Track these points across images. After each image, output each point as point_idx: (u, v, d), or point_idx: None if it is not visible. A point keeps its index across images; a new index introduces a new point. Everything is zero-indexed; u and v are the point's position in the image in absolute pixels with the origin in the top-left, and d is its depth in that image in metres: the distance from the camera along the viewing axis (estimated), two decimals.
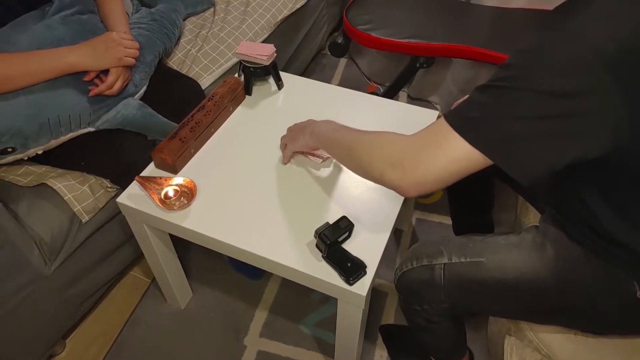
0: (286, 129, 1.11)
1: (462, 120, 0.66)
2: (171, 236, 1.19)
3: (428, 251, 0.90)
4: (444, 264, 0.87)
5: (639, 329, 0.85)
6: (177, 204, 1.01)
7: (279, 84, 1.31)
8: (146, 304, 1.43)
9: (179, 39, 1.52)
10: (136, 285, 1.47)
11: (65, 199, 1.14)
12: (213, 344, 1.34)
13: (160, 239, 1.16)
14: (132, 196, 1.05)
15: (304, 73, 2.12)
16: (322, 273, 0.90)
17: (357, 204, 1.02)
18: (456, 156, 0.66)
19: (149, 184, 1.04)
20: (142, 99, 1.25)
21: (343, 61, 2.32)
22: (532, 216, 1.17)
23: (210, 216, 1.01)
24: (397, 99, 1.74)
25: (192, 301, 1.43)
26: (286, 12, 1.74)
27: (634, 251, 0.73)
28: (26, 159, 1.13)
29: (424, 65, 1.68)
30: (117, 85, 1.13)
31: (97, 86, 1.12)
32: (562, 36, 0.60)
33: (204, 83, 1.46)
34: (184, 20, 1.59)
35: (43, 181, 1.14)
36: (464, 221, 1.37)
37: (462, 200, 1.39)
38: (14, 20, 1.11)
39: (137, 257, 1.45)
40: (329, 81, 2.15)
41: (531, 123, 0.62)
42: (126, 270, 1.50)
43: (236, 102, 1.25)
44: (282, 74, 1.33)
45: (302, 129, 1.02)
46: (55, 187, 1.14)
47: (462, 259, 0.88)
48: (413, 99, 2.11)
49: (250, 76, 1.28)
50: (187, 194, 1.03)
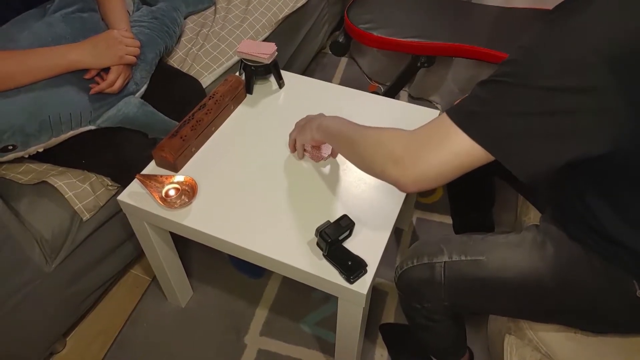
0: (287, 127, 1.11)
1: (464, 115, 0.66)
2: (172, 234, 1.19)
3: (428, 249, 0.91)
4: (444, 262, 0.87)
5: (639, 328, 0.85)
6: (178, 202, 1.01)
7: (280, 82, 1.31)
8: (147, 303, 1.43)
9: (180, 37, 1.52)
10: (137, 284, 1.48)
11: (66, 197, 1.14)
12: (213, 342, 1.34)
13: (160, 237, 1.16)
14: (133, 194, 1.05)
15: (305, 72, 2.12)
16: (322, 271, 0.90)
17: (358, 202, 1.02)
18: (457, 151, 0.66)
19: (150, 182, 1.04)
20: (143, 97, 1.25)
21: (344, 60, 2.32)
22: (533, 215, 1.17)
23: (211, 214, 1.01)
24: (398, 99, 1.73)
25: (193, 300, 1.43)
26: (287, 11, 1.74)
27: (634, 251, 0.73)
28: (27, 156, 1.13)
29: (425, 65, 1.68)
30: (118, 84, 1.13)
31: (98, 84, 1.12)
32: (563, 33, 0.60)
33: (205, 82, 1.46)
34: (185, 18, 1.59)
35: (44, 179, 1.14)
36: (464, 220, 1.38)
37: (462, 199, 1.39)
38: (14, 18, 1.11)
39: (138, 256, 1.45)
40: (329, 80, 2.15)
41: (531, 119, 0.62)
42: (127, 269, 1.50)
43: (237, 100, 1.25)
44: (283, 73, 1.33)
45: (309, 122, 1.02)
46: (56, 185, 1.14)
47: (463, 258, 0.88)
48: (414, 99, 2.11)
49: (251, 75, 1.28)
50: (188, 192, 1.03)
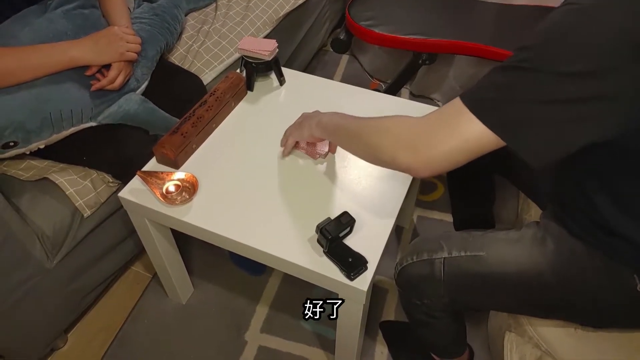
0: (288, 124, 1.10)
1: (478, 101, 0.66)
2: (173, 231, 1.19)
3: (428, 246, 0.91)
4: (443, 258, 0.87)
5: (639, 323, 0.85)
6: (178, 198, 1.01)
7: (281, 79, 1.31)
8: (148, 299, 1.43)
9: (180, 34, 1.52)
10: (138, 280, 1.48)
11: (67, 193, 1.14)
12: (214, 339, 1.34)
13: (161, 233, 1.17)
14: (133, 191, 1.05)
15: (306, 69, 2.12)
16: (323, 268, 0.90)
17: (358, 199, 1.02)
18: (469, 136, 0.66)
19: (151, 178, 1.04)
20: (144, 94, 1.25)
21: (345, 58, 2.31)
22: (534, 213, 1.18)
23: (211, 211, 1.01)
24: (399, 96, 1.73)
25: (194, 296, 1.43)
26: (288, 8, 1.74)
27: (634, 243, 0.73)
28: (28, 153, 1.13)
29: (427, 62, 1.67)
30: (119, 80, 1.13)
31: (99, 81, 1.12)
32: (584, 17, 0.59)
33: (206, 78, 1.46)
34: (185, 15, 1.59)
35: (45, 175, 1.14)
36: (465, 218, 1.37)
37: (463, 196, 1.39)
38: (15, 14, 1.11)
39: (139, 252, 1.46)
40: (330, 77, 2.15)
41: (550, 106, 0.61)
42: (128, 265, 1.50)
43: (238, 97, 1.25)
44: (284, 70, 1.33)
45: (306, 119, 1.01)
46: (57, 182, 1.14)
47: (462, 253, 0.88)
48: (415, 96, 2.10)
49: (252, 72, 1.27)
50: (189, 189, 1.03)
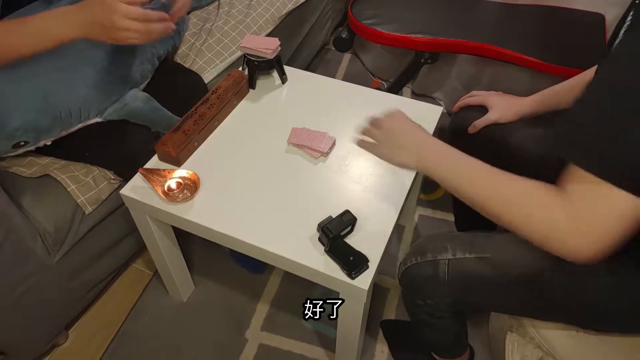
0: (290, 122, 1.08)
1: (608, 164, 0.57)
2: (174, 229, 1.19)
3: (432, 246, 0.90)
4: (448, 259, 0.87)
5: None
6: (180, 196, 1.01)
7: (283, 78, 1.31)
8: (148, 296, 1.43)
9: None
10: (139, 278, 1.48)
11: (68, 190, 1.14)
12: (215, 337, 1.34)
13: (163, 231, 1.17)
14: (135, 188, 1.06)
15: (308, 68, 2.12)
16: (324, 266, 0.90)
17: (360, 198, 1.02)
18: (622, 212, 0.57)
19: (153, 176, 1.04)
20: (145, 91, 1.25)
21: (347, 56, 2.31)
22: None
23: (213, 209, 1.01)
24: (401, 95, 1.73)
25: (194, 294, 1.43)
26: (290, 6, 1.73)
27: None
28: (33, 149, 1.14)
29: (429, 61, 1.67)
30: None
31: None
32: None
33: (208, 76, 1.46)
34: (188, 13, 1.59)
35: (47, 172, 1.15)
36: (466, 216, 1.37)
37: None
38: (17, 9, 1.11)
39: (140, 250, 1.46)
40: (332, 76, 2.15)
41: None
42: (129, 263, 1.50)
43: (240, 95, 1.25)
44: (286, 68, 1.33)
45: (400, 138, 0.85)
46: (58, 179, 1.14)
47: (467, 255, 0.87)
48: (417, 95, 2.10)
49: (254, 70, 1.27)
50: (191, 187, 1.03)
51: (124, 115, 1.17)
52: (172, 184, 1.03)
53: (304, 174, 1.08)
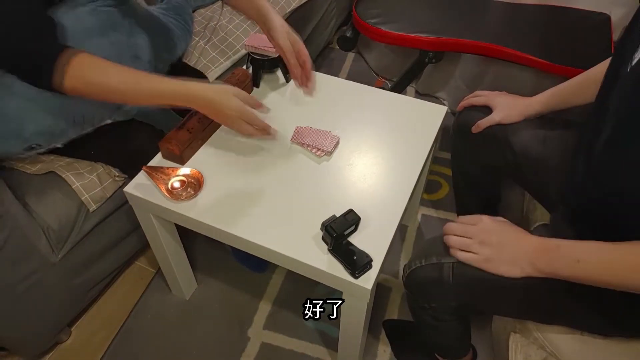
0: (294, 121, 1.06)
1: None
2: (177, 227, 1.19)
3: (437, 249, 0.89)
4: (452, 263, 0.86)
5: None
6: (183, 194, 1.01)
7: (287, 76, 1.31)
8: (151, 294, 1.43)
9: None
10: (141, 275, 1.48)
11: (73, 187, 1.14)
12: (217, 335, 1.34)
13: (166, 229, 1.17)
14: (139, 186, 1.06)
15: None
16: (327, 266, 0.90)
17: (364, 197, 1.02)
18: None
19: (156, 174, 1.04)
20: None
21: (351, 55, 2.31)
22: (540, 214, 1.17)
23: (216, 207, 1.01)
24: (404, 94, 1.73)
25: (197, 292, 1.43)
26: (295, 5, 1.73)
27: None
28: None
29: (433, 61, 1.67)
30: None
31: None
32: None
33: (213, 75, 1.46)
34: (193, 11, 1.59)
35: (51, 169, 1.15)
36: None
37: (468, 196, 1.39)
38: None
39: (143, 247, 1.46)
40: (336, 75, 2.15)
41: None
42: (132, 260, 1.51)
43: None
44: None
45: (504, 251, 0.81)
46: (63, 176, 1.14)
47: None
48: (421, 95, 2.10)
49: (259, 68, 1.27)
50: (194, 185, 1.03)
51: (132, 115, 1.17)
52: (176, 182, 1.03)
53: (308, 172, 1.08)
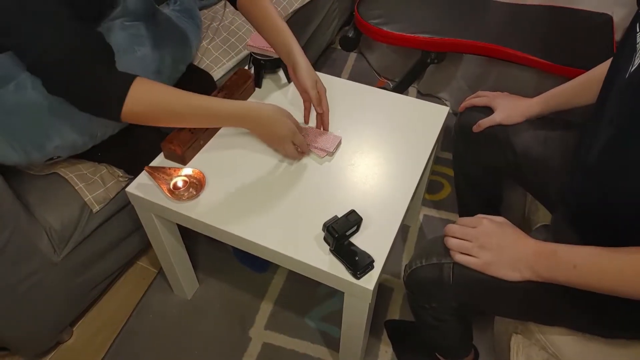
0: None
1: None
2: (179, 227, 1.19)
3: (438, 249, 0.89)
4: (452, 263, 0.86)
5: None
6: (185, 194, 1.01)
7: (289, 76, 1.31)
8: (153, 294, 1.44)
9: None
10: (143, 275, 1.48)
11: (76, 188, 1.15)
12: (219, 335, 1.35)
13: (168, 229, 1.17)
14: (141, 186, 1.06)
15: (314, 66, 2.09)
16: (329, 266, 0.90)
17: (365, 198, 1.02)
18: None
19: (158, 174, 1.05)
20: None
21: (353, 55, 2.31)
22: (542, 215, 1.17)
23: (218, 207, 1.01)
24: (406, 95, 1.73)
25: (199, 292, 1.43)
26: (297, 5, 1.73)
27: None
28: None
29: (435, 61, 1.67)
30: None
31: None
32: None
33: (215, 75, 1.46)
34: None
35: (54, 170, 1.15)
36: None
37: (470, 196, 1.39)
38: None
39: (145, 247, 1.46)
40: (338, 75, 2.14)
41: None
42: (134, 260, 1.51)
43: (246, 94, 1.25)
44: None
45: (504, 253, 0.81)
46: (66, 177, 1.15)
47: None
48: (423, 95, 2.10)
49: (261, 68, 1.27)
50: (196, 185, 1.04)
51: None
52: (178, 182, 1.03)
53: (310, 173, 1.08)
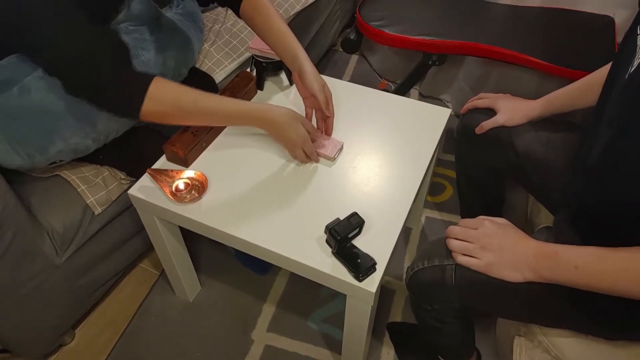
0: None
1: None
2: (181, 229, 1.19)
3: (439, 251, 0.89)
4: (454, 265, 0.86)
5: None
6: (187, 197, 1.02)
7: (291, 79, 1.31)
8: (155, 296, 1.44)
9: None
10: (145, 277, 1.48)
11: (78, 190, 1.15)
12: (221, 337, 1.35)
13: (170, 231, 1.17)
14: (143, 188, 1.06)
15: (316, 68, 2.11)
16: (331, 269, 0.90)
17: (368, 200, 1.02)
18: None
19: (160, 176, 1.05)
20: None
21: (354, 58, 2.31)
22: (544, 216, 1.17)
23: (220, 210, 1.01)
24: (408, 96, 1.72)
25: (201, 294, 1.43)
26: (299, 8, 1.74)
27: None
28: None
29: (437, 63, 1.67)
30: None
31: None
32: None
33: (217, 77, 1.47)
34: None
35: (57, 172, 1.15)
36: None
37: (471, 198, 1.38)
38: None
39: (147, 250, 1.46)
40: (340, 77, 2.15)
41: None
42: (136, 262, 1.51)
43: (248, 96, 1.25)
44: None
45: (505, 254, 0.81)
46: (69, 179, 1.15)
47: None
48: (424, 97, 2.10)
49: (263, 71, 1.28)
50: (198, 187, 1.04)
51: (144, 124, 1.19)
52: (180, 184, 1.03)
53: (312, 175, 1.08)
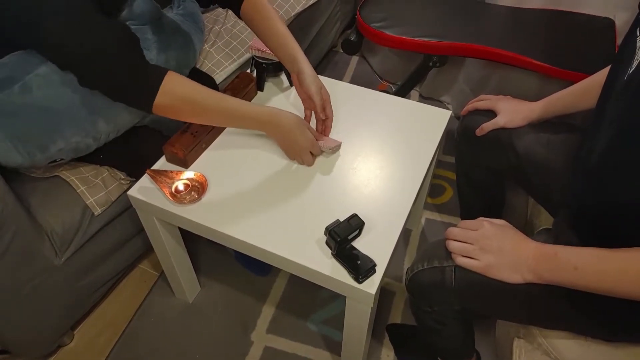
0: None
1: None
2: (180, 230, 1.19)
3: (439, 253, 0.89)
4: (454, 266, 0.86)
5: None
6: (187, 197, 1.01)
7: (291, 80, 1.31)
8: (154, 297, 1.43)
9: None
10: (145, 278, 1.48)
11: (78, 191, 1.15)
12: (220, 338, 1.34)
13: (169, 232, 1.17)
14: (142, 189, 1.06)
15: (316, 70, 2.09)
16: (331, 270, 0.90)
17: (368, 202, 1.02)
18: None
19: (160, 177, 1.04)
20: None
21: (355, 59, 2.31)
22: (544, 218, 1.17)
23: (220, 211, 1.01)
24: (408, 98, 1.72)
25: (200, 295, 1.43)
26: (299, 9, 1.74)
27: None
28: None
29: (437, 65, 1.67)
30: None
31: None
32: None
33: (217, 78, 1.47)
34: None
35: (56, 173, 1.15)
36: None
37: (472, 199, 1.38)
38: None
39: (147, 251, 1.46)
40: (340, 78, 2.15)
41: None
42: (135, 263, 1.51)
43: (248, 97, 1.25)
44: None
45: (505, 255, 0.81)
46: (68, 180, 1.15)
47: None
48: (425, 98, 2.10)
49: (263, 72, 1.27)
50: (198, 188, 1.03)
51: (146, 122, 1.19)
52: (180, 185, 1.03)
53: (312, 177, 1.08)
